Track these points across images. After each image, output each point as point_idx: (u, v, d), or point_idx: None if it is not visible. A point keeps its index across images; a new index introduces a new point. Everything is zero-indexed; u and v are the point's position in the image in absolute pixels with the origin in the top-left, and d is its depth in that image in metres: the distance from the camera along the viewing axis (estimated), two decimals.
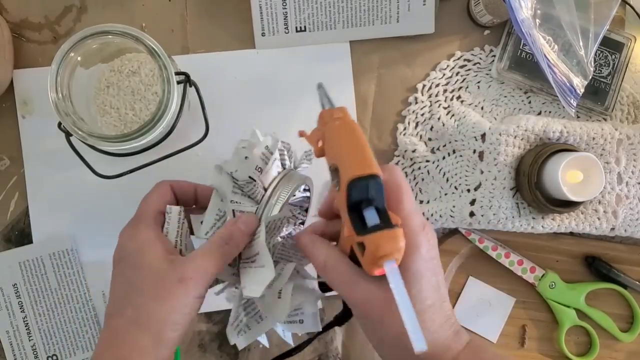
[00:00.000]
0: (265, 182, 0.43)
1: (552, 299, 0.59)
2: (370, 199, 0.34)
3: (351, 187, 0.34)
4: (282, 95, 0.58)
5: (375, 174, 0.34)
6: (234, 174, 0.43)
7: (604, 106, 0.58)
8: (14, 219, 0.56)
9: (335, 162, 0.36)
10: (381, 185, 0.34)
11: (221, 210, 0.43)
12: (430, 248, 0.36)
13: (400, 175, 0.37)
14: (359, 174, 0.34)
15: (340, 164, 0.35)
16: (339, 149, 0.36)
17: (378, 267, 0.32)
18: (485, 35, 0.59)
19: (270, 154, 0.43)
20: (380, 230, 0.33)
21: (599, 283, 0.59)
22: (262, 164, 0.43)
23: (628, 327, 0.60)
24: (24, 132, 0.55)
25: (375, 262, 0.32)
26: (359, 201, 0.34)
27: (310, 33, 0.57)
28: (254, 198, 0.43)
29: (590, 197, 0.50)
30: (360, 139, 0.36)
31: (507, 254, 0.58)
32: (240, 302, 0.44)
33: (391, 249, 0.32)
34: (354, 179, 0.34)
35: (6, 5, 0.55)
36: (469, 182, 0.54)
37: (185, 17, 0.57)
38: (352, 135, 0.36)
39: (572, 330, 0.60)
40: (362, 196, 0.34)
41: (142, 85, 0.53)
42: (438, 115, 0.58)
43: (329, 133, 0.38)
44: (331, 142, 0.38)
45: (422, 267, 0.35)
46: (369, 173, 0.34)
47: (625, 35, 0.58)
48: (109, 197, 0.56)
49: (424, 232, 0.36)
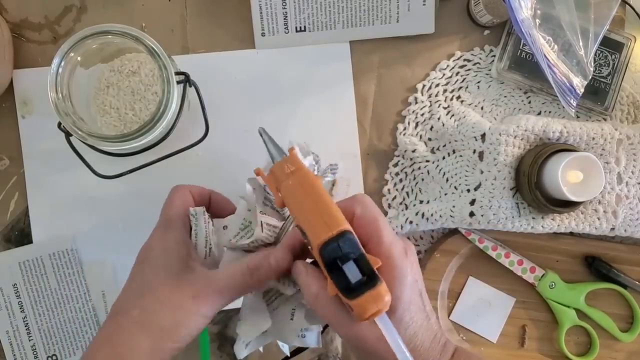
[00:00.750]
0: None
1: (552, 299, 0.59)
2: (345, 254, 0.33)
3: (323, 251, 0.33)
4: (282, 95, 0.58)
5: (343, 230, 0.34)
6: (266, 187, 0.43)
7: (603, 106, 0.58)
8: (14, 219, 0.56)
9: (299, 223, 0.36)
10: (353, 238, 0.34)
11: (247, 220, 0.43)
12: (414, 272, 0.37)
13: (373, 206, 0.37)
14: (327, 237, 0.33)
15: (306, 228, 0.35)
16: (300, 211, 0.36)
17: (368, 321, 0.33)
18: (485, 35, 0.59)
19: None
20: (363, 293, 0.33)
21: (599, 283, 0.59)
22: None
23: (628, 327, 0.60)
24: (24, 132, 0.55)
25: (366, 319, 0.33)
26: (335, 263, 0.34)
27: (310, 33, 0.57)
28: (282, 214, 0.43)
29: (590, 197, 0.50)
30: (318, 193, 0.35)
31: (507, 254, 0.58)
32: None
33: (377, 308, 0.33)
34: (324, 243, 0.33)
35: (6, 5, 0.55)
36: (468, 182, 0.54)
37: (185, 17, 0.57)
38: (309, 193, 0.36)
39: (572, 330, 0.60)
40: (336, 255, 0.33)
41: (142, 85, 0.53)
42: (438, 115, 0.58)
43: (286, 193, 0.37)
44: (291, 203, 0.37)
45: (411, 293, 0.36)
46: (336, 232, 0.33)
47: (625, 35, 0.58)
48: (109, 197, 0.56)
49: (407, 258, 0.37)
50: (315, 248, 0.34)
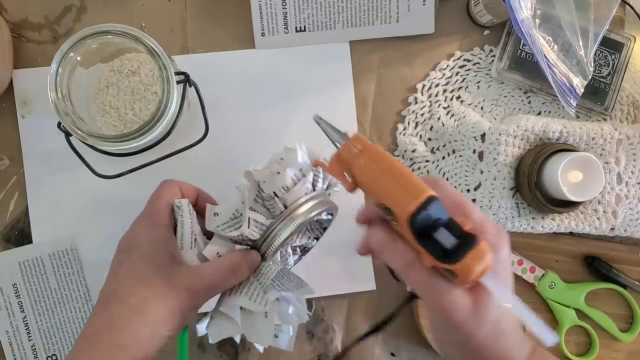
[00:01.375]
0: (288, 200, 0.43)
1: (551, 299, 0.59)
2: (437, 223, 0.32)
3: (413, 222, 0.32)
4: (282, 95, 0.58)
5: (430, 195, 0.32)
6: (261, 184, 0.43)
7: (603, 106, 0.58)
8: (14, 218, 0.56)
9: (382, 202, 0.34)
10: (440, 203, 0.33)
11: (238, 212, 0.44)
12: (508, 250, 0.36)
13: (451, 188, 0.36)
14: (414, 207, 0.32)
15: (390, 203, 0.33)
16: (379, 188, 0.34)
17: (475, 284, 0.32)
18: (485, 35, 0.60)
19: (302, 176, 0.43)
20: (465, 254, 0.31)
21: (599, 283, 0.59)
22: (291, 184, 0.42)
23: (628, 327, 0.60)
24: (24, 132, 0.55)
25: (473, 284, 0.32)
26: (427, 232, 0.32)
27: (310, 33, 0.57)
28: (271, 212, 0.43)
29: (590, 197, 0.50)
30: (395, 166, 0.34)
31: None
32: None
33: (483, 268, 0.31)
34: (412, 214, 0.32)
35: (6, 5, 0.55)
36: (468, 182, 0.54)
37: (185, 17, 0.57)
38: (385, 167, 0.34)
39: (572, 330, 0.60)
40: (427, 223, 0.32)
41: (142, 85, 0.53)
42: (438, 115, 0.58)
43: (360, 172, 0.36)
44: (367, 183, 0.35)
45: (504, 270, 0.35)
46: (424, 200, 0.32)
47: (625, 36, 0.58)
48: (109, 197, 0.56)
49: (499, 234, 0.35)
50: (404, 220, 0.32)
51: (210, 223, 0.44)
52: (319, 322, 0.58)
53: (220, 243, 0.44)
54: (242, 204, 0.44)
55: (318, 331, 0.58)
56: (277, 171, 0.42)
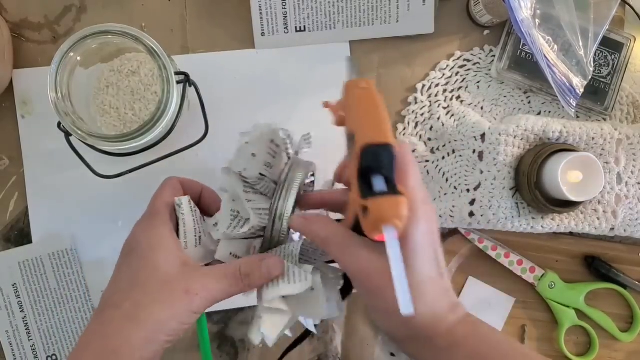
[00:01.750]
0: (274, 175, 0.43)
1: (551, 299, 0.59)
2: (381, 167, 0.35)
3: (364, 153, 0.35)
4: (281, 95, 0.58)
5: (389, 143, 0.35)
6: (243, 172, 0.42)
7: (603, 106, 0.58)
8: (14, 218, 0.56)
9: (353, 129, 0.37)
10: (393, 155, 0.35)
11: (234, 210, 0.43)
12: (431, 222, 0.37)
13: (408, 151, 0.38)
14: (373, 141, 0.35)
15: (357, 130, 0.36)
16: (358, 116, 0.37)
17: (378, 232, 0.33)
18: (485, 35, 0.59)
19: (277, 146, 0.43)
20: (384, 196, 0.33)
21: (599, 283, 0.59)
22: (271, 158, 0.43)
23: (628, 327, 0.61)
24: (24, 132, 0.55)
25: (376, 226, 0.33)
26: (369, 168, 0.35)
27: (310, 33, 0.57)
28: (265, 194, 0.43)
29: (590, 197, 0.50)
30: (380, 109, 0.37)
31: (507, 254, 0.58)
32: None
33: (393, 214, 0.33)
34: (368, 145, 0.35)
35: (6, 5, 0.55)
36: (468, 182, 0.54)
37: (185, 17, 0.57)
38: (373, 104, 0.38)
39: (572, 330, 0.60)
40: (373, 163, 0.35)
41: (142, 85, 0.53)
42: (438, 115, 0.58)
43: (351, 100, 0.39)
44: (352, 109, 0.39)
45: (422, 240, 0.36)
46: (383, 142, 0.35)
47: (625, 36, 0.58)
48: (109, 197, 0.56)
49: (426, 206, 0.37)
50: (358, 149, 0.35)
51: (215, 234, 0.43)
52: (318, 322, 0.58)
53: (231, 242, 0.43)
54: (234, 201, 0.43)
55: (318, 331, 0.58)
56: (252, 153, 0.42)
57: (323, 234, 0.38)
